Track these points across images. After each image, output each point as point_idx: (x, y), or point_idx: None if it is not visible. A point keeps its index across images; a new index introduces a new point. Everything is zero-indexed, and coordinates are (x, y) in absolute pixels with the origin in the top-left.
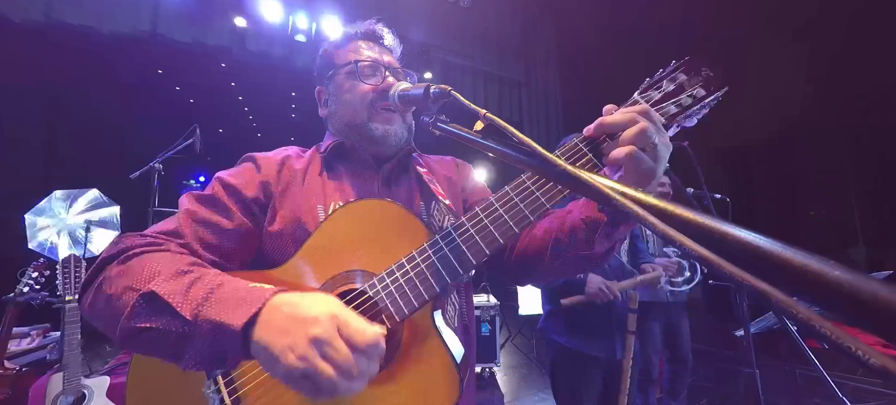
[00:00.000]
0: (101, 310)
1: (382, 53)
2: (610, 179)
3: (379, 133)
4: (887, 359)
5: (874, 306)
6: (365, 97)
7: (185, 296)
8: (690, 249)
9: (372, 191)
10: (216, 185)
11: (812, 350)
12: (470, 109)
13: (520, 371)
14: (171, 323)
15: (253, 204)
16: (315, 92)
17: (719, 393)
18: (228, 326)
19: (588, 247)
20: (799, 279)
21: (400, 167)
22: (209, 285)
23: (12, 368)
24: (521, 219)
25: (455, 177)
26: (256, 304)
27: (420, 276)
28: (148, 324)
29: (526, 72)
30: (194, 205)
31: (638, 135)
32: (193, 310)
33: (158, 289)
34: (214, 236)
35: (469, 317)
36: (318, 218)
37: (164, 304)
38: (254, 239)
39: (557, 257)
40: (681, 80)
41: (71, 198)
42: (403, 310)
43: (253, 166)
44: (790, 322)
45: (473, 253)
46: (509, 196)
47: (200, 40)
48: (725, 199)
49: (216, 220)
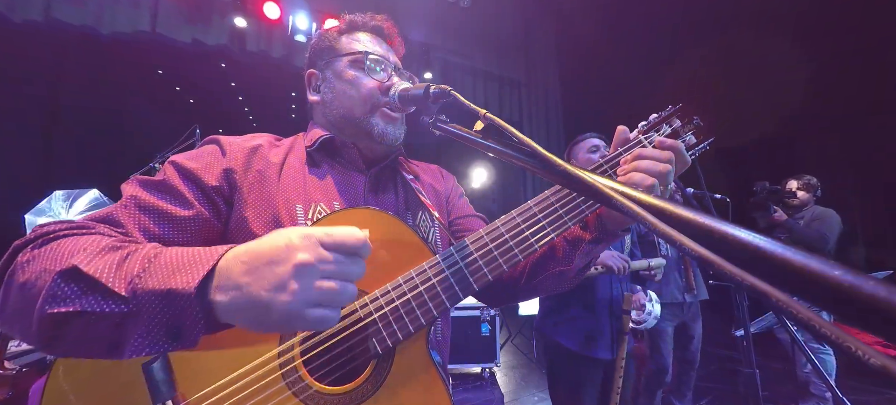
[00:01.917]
0: (11, 305)
1: (389, 52)
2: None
3: (378, 130)
4: (887, 359)
5: (874, 306)
6: (371, 93)
7: (118, 269)
8: (690, 249)
9: (358, 194)
10: (168, 167)
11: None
12: (470, 109)
13: (520, 371)
14: (102, 303)
15: (213, 193)
16: (306, 74)
17: (719, 392)
18: (179, 291)
19: (567, 263)
20: (799, 279)
21: (388, 171)
22: (146, 256)
23: (12, 368)
24: (527, 248)
25: (441, 187)
26: (209, 262)
27: (418, 299)
28: (71, 307)
29: (526, 72)
30: (138, 190)
31: (662, 173)
32: (130, 285)
33: (82, 264)
34: (161, 226)
35: (444, 332)
36: (296, 218)
37: (91, 281)
38: (212, 233)
39: (534, 276)
40: (675, 125)
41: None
42: (397, 335)
43: (217, 149)
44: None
45: (476, 279)
46: (515, 222)
47: (200, 40)
48: (725, 199)
49: (165, 208)
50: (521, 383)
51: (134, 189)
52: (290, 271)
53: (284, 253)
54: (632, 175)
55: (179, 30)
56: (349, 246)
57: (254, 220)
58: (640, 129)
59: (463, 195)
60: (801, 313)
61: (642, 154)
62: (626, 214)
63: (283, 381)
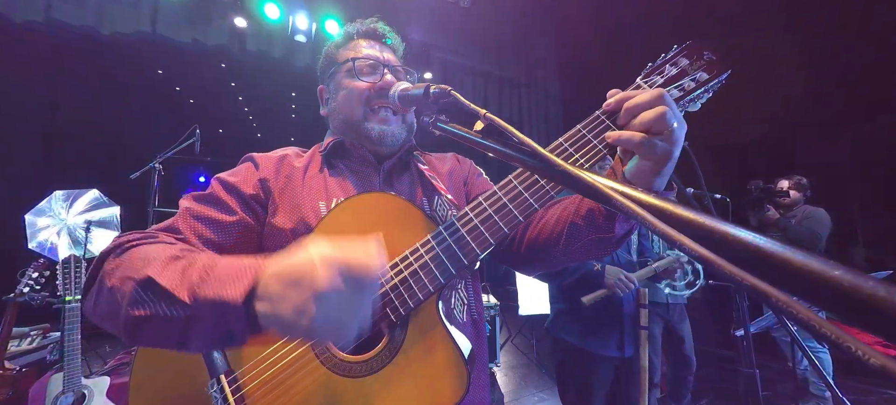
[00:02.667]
0: (104, 306)
1: (383, 51)
2: (624, 166)
3: (375, 133)
4: (887, 360)
5: (874, 306)
6: (361, 95)
7: (181, 279)
8: (690, 249)
9: (374, 187)
10: (215, 183)
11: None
12: (470, 109)
13: (520, 371)
14: (171, 308)
15: (252, 200)
16: (317, 91)
17: (719, 393)
18: (229, 302)
19: (608, 229)
20: (799, 279)
21: (401, 164)
22: (203, 266)
23: (12, 368)
24: (526, 208)
25: (456, 171)
26: (252, 272)
27: (425, 269)
28: (148, 311)
29: (526, 72)
30: (192, 203)
31: (655, 119)
32: (191, 293)
33: (155, 275)
34: (212, 232)
35: (478, 311)
36: (320, 214)
37: (161, 290)
38: (253, 235)
39: (573, 241)
40: (683, 64)
41: (71, 198)
42: (408, 303)
43: (251, 165)
44: (790, 322)
45: (478, 243)
46: (513, 185)
47: (200, 40)
48: (725, 199)
49: (214, 216)
50: (521, 383)
51: (188, 202)
52: (309, 297)
53: (308, 276)
54: (621, 134)
55: (179, 30)
56: (362, 273)
57: (283, 221)
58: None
59: (482, 175)
60: (801, 313)
61: (628, 104)
62: (626, 214)
63: (312, 351)
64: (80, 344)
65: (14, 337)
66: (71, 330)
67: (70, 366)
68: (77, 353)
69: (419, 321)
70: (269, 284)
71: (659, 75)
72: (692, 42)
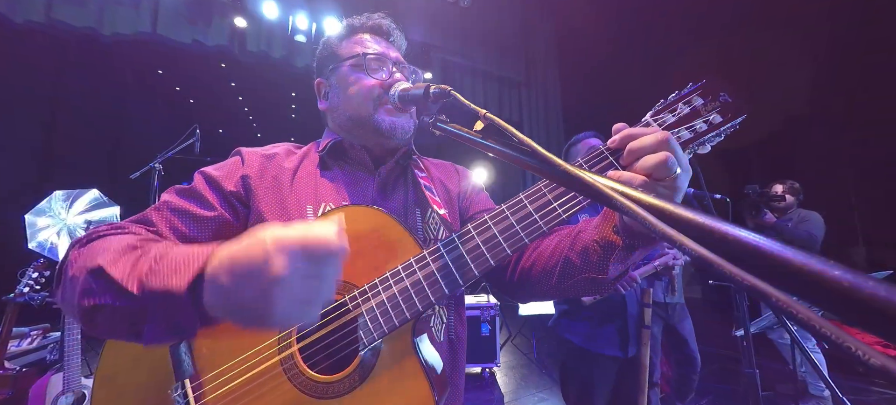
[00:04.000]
0: (65, 294)
1: (389, 49)
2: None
3: (386, 125)
4: (887, 359)
5: (874, 306)
6: (371, 91)
7: (132, 269)
8: (690, 249)
9: (367, 194)
10: (198, 177)
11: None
12: (470, 109)
13: (520, 371)
14: (120, 298)
15: (232, 197)
16: (314, 84)
17: (719, 392)
18: (174, 292)
19: (601, 270)
20: (799, 279)
21: (397, 170)
22: (154, 257)
23: (12, 368)
24: (534, 231)
25: (453, 185)
26: (197, 262)
27: (404, 294)
28: (97, 301)
29: (526, 72)
30: (172, 196)
31: (657, 165)
32: (140, 284)
33: (105, 265)
34: (187, 225)
35: (457, 332)
36: (306, 217)
37: (110, 280)
38: (231, 231)
39: (567, 278)
40: (696, 104)
41: (71, 198)
42: (382, 328)
43: (238, 159)
44: (790, 322)
45: (462, 273)
46: (523, 203)
47: (200, 40)
48: (725, 199)
49: (191, 210)
50: (521, 383)
51: (169, 195)
52: (267, 283)
53: (261, 263)
54: (621, 175)
55: (180, 30)
56: (322, 251)
57: (267, 219)
58: (653, 110)
59: (481, 190)
60: (801, 313)
61: (633, 140)
62: (626, 215)
63: (281, 367)
64: (80, 344)
65: (14, 337)
66: (71, 330)
67: (70, 366)
68: (77, 353)
69: (392, 346)
70: (219, 275)
71: (671, 113)
72: (708, 81)
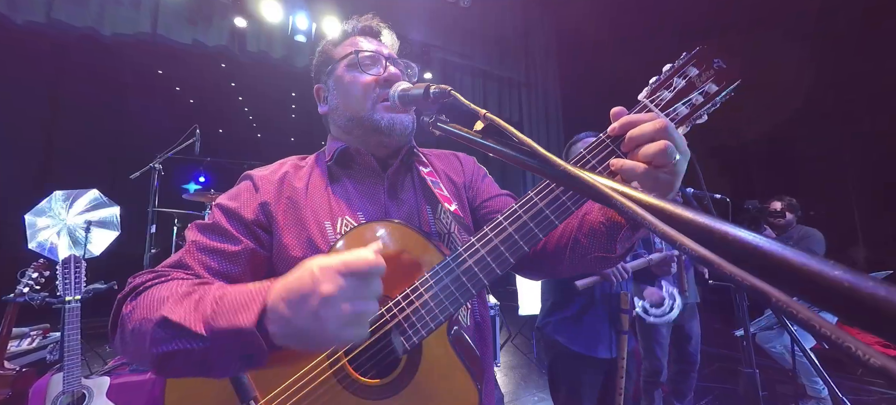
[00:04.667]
0: (128, 347)
1: (381, 46)
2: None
3: (385, 122)
4: (887, 360)
5: (874, 306)
6: (368, 88)
7: (194, 313)
8: (690, 249)
9: (379, 202)
10: (216, 211)
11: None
12: (470, 109)
13: (520, 371)
14: (191, 342)
15: (254, 225)
16: (314, 90)
17: (719, 392)
18: (243, 328)
19: (609, 249)
20: (799, 279)
21: (403, 169)
22: (214, 298)
23: (12, 368)
24: (547, 226)
25: (457, 175)
26: (260, 298)
27: (435, 300)
28: (169, 348)
29: (526, 72)
30: (197, 234)
31: (657, 154)
32: (207, 325)
33: (169, 314)
34: (219, 263)
35: (482, 314)
36: (327, 235)
37: (177, 327)
38: (260, 259)
39: (577, 258)
40: (691, 75)
41: (71, 198)
42: (421, 332)
43: (251, 185)
44: (790, 322)
45: (486, 273)
46: (534, 201)
47: (200, 40)
48: (725, 199)
49: (220, 247)
50: (521, 383)
51: (194, 234)
52: (318, 304)
53: (310, 287)
54: (624, 164)
55: (180, 31)
56: (363, 272)
57: (292, 245)
58: (649, 87)
59: (486, 175)
60: (801, 313)
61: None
62: (626, 215)
63: (335, 379)
64: (80, 344)
65: (14, 337)
66: (71, 330)
67: (70, 366)
68: (77, 353)
69: (432, 347)
70: (278, 305)
71: (667, 89)
72: (701, 47)
